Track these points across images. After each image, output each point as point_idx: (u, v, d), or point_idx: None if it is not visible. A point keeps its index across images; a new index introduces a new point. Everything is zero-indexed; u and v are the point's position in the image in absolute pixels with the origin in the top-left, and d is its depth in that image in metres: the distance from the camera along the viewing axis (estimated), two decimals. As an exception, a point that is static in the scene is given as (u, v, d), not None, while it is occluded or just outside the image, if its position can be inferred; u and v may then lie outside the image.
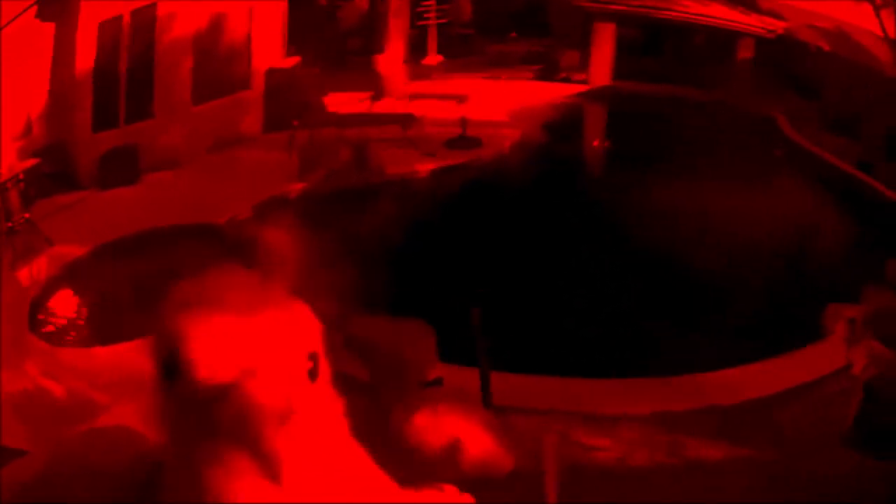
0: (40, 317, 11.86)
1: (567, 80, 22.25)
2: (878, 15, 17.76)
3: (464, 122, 17.70)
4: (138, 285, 12.73)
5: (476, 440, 7.26)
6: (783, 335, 10.69)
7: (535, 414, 8.85)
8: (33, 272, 12.64)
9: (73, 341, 11.54)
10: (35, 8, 15.27)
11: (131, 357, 9.54)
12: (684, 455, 8.46)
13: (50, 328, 11.75)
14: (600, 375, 10.06)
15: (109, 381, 9.36)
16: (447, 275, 12.50)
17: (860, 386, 7.67)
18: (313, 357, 1.69)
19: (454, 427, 7.23)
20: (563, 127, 20.14)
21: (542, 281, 12.66)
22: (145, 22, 17.17)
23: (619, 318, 11.59)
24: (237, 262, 1.83)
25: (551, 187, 16.37)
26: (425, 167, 16.83)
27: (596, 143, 19.71)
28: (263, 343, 1.61)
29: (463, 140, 17.59)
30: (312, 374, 1.68)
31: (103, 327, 11.65)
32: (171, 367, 1.61)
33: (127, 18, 16.87)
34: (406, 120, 17.83)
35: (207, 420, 1.59)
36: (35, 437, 7.80)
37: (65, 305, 12.49)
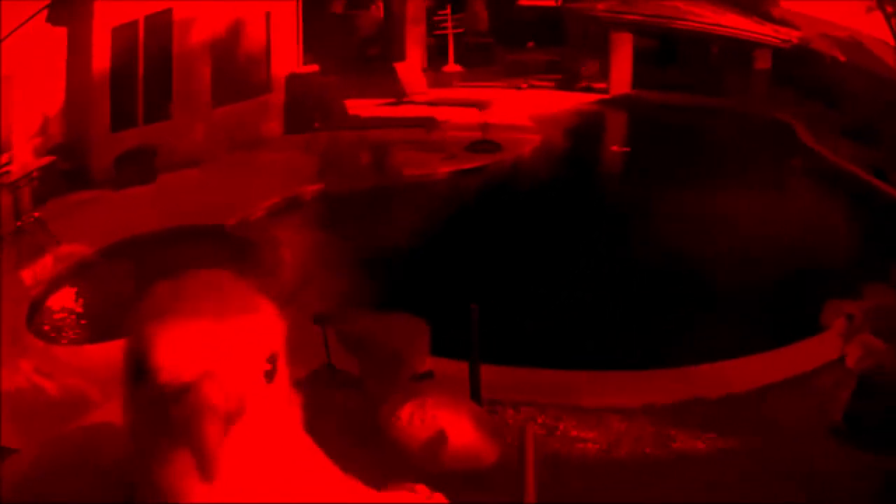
0: (40, 315, 11.97)
1: (588, 88, 22.28)
2: (889, 24, 17.72)
3: (485, 127, 17.64)
4: (138, 286, 12.75)
5: (460, 433, 7.19)
6: (784, 332, 10.71)
7: (522, 406, 9.00)
8: (38, 271, 12.68)
9: (70, 340, 11.67)
10: (45, 12, 15.25)
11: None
12: (671, 447, 8.50)
13: (49, 327, 11.85)
14: (595, 367, 10.15)
15: (104, 378, 9.35)
16: (459, 273, 12.52)
17: (853, 378, 7.73)
18: (272, 358, 1.74)
19: (439, 420, 7.16)
20: (584, 132, 20.14)
21: (547, 277, 12.75)
22: (160, 27, 17.21)
23: (626, 314, 11.68)
24: (222, 265, 1.86)
25: (569, 189, 16.41)
26: (444, 169, 16.80)
27: (615, 148, 19.65)
28: (223, 346, 1.66)
29: (484, 144, 17.53)
30: (269, 375, 1.73)
31: (102, 327, 11.70)
32: (138, 369, 1.67)
33: (142, 23, 16.90)
34: (429, 123, 17.79)
35: (164, 420, 1.64)
36: (28, 435, 7.71)
37: (65, 304, 12.57)
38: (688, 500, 7.65)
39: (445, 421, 7.19)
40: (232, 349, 1.67)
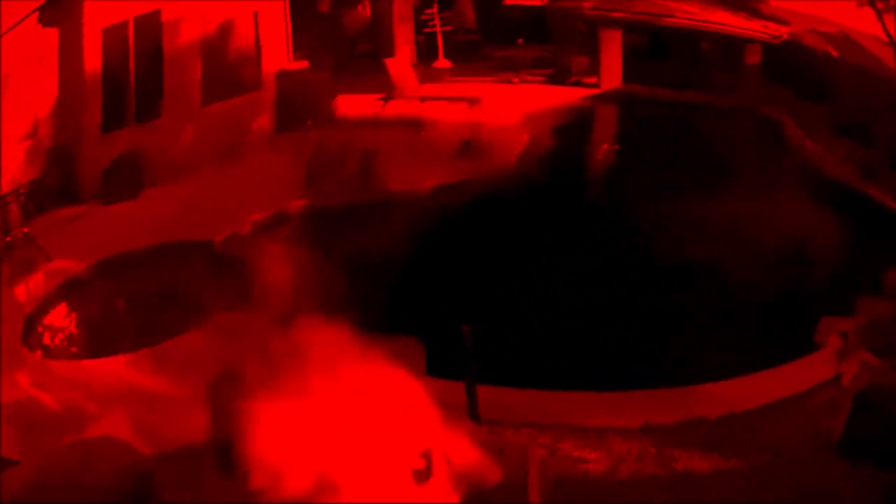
0: (36, 331, 12.08)
1: (578, 83, 22.21)
2: (880, 19, 17.69)
3: (473, 128, 17.56)
4: (132, 304, 12.73)
5: (462, 452, 7.12)
6: (778, 348, 10.73)
7: (523, 427, 9.08)
8: (30, 287, 12.70)
9: (66, 355, 11.80)
10: (37, 14, 15.25)
11: (122, 369, 9.75)
12: (673, 466, 8.57)
13: (45, 342, 12.00)
14: (594, 387, 10.19)
15: (100, 392, 9.69)
16: (447, 291, 12.64)
17: (850, 396, 7.75)
18: (426, 454, 1.58)
19: (440, 440, 7.01)
20: (573, 130, 20.14)
21: (533, 294, 12.80)
22: (150, 27, 17.23)
23: (613, 330, 11.75)
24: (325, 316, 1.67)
25: (556, 196, 16.42)
26: (428, 184, 16.51)
27: (605, 147, 19.64)
28: (352, 443, 1.45)
29: (470, 148, 17.49)
30: (420, 476, 1.56)
31: (97, 343, 11.98)
32: (226, 458, 1.47)
33: (131, 24, 16.93)
34: (416, 125, 17.71)
35: None
36: (27, 447, 7.77)
37: (60, 321, 12.65)
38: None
39: (446, 441, 7.19)
40: (365, 446, 1.34)
